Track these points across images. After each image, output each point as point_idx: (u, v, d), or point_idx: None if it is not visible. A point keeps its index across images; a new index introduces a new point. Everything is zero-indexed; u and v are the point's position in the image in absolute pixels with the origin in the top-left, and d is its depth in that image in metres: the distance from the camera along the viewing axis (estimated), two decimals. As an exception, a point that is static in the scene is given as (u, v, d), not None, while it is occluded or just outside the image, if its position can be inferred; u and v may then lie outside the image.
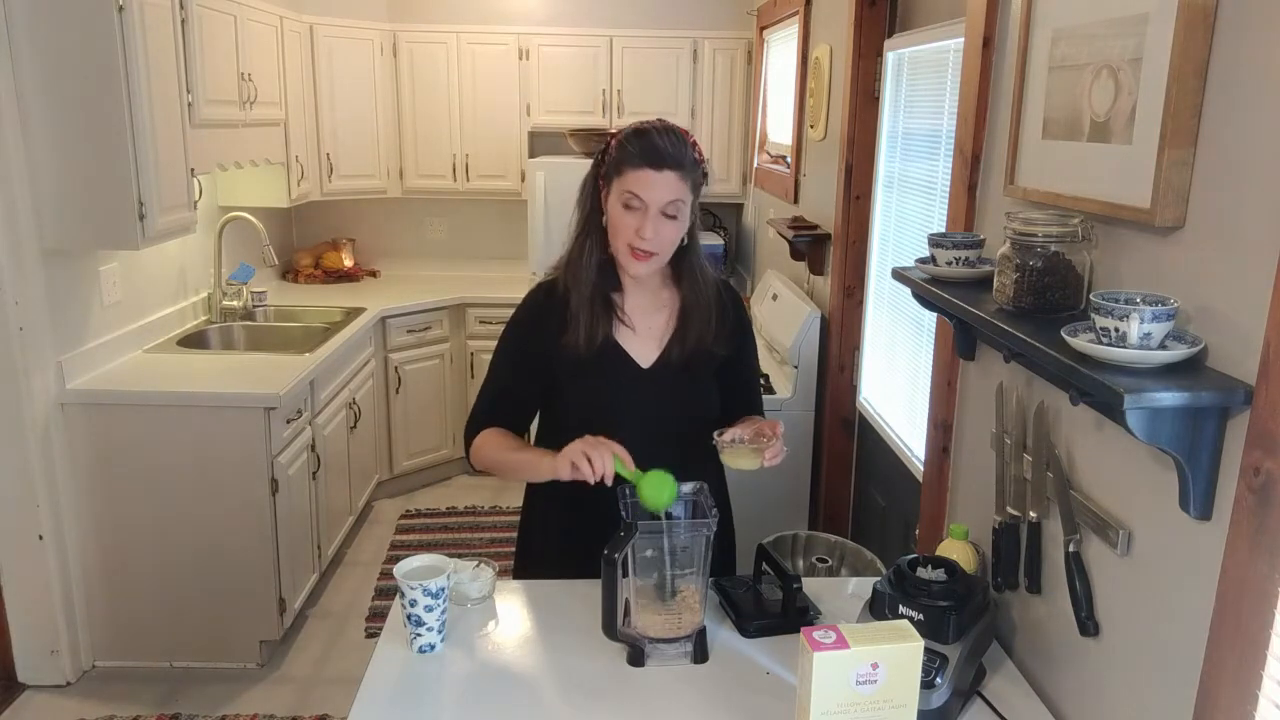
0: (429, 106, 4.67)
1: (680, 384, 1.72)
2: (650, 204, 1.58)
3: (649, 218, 1.59)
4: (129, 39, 2.63)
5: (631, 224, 1.60)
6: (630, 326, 1.72)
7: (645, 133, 1.61)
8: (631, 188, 1.59)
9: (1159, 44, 1.17)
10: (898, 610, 1.38)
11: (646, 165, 1.57)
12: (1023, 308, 1.35)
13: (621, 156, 1.61)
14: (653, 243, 1.60)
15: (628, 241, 1.61)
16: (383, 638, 1.56)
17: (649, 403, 1.71)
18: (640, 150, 1.59)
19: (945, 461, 1.94)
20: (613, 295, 1.73)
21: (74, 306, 2.90)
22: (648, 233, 1.59)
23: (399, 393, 4.34)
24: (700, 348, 1.72)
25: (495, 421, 1.76)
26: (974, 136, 1.78)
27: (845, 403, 3.19)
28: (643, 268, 1.64)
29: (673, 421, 1.72)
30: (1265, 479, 0.98)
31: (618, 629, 1.47)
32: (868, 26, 2.87)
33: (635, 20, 4.72)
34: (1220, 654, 1.06)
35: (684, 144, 1.62)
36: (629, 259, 1.63)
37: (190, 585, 2.97)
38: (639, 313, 1.74)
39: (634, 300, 1.74)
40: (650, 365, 1.72)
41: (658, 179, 1.58)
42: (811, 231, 3.30)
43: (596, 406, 1.70)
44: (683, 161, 1.60)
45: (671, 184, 1.59)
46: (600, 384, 1.71)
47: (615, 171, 1.61)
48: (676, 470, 1.52)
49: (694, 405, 1.74)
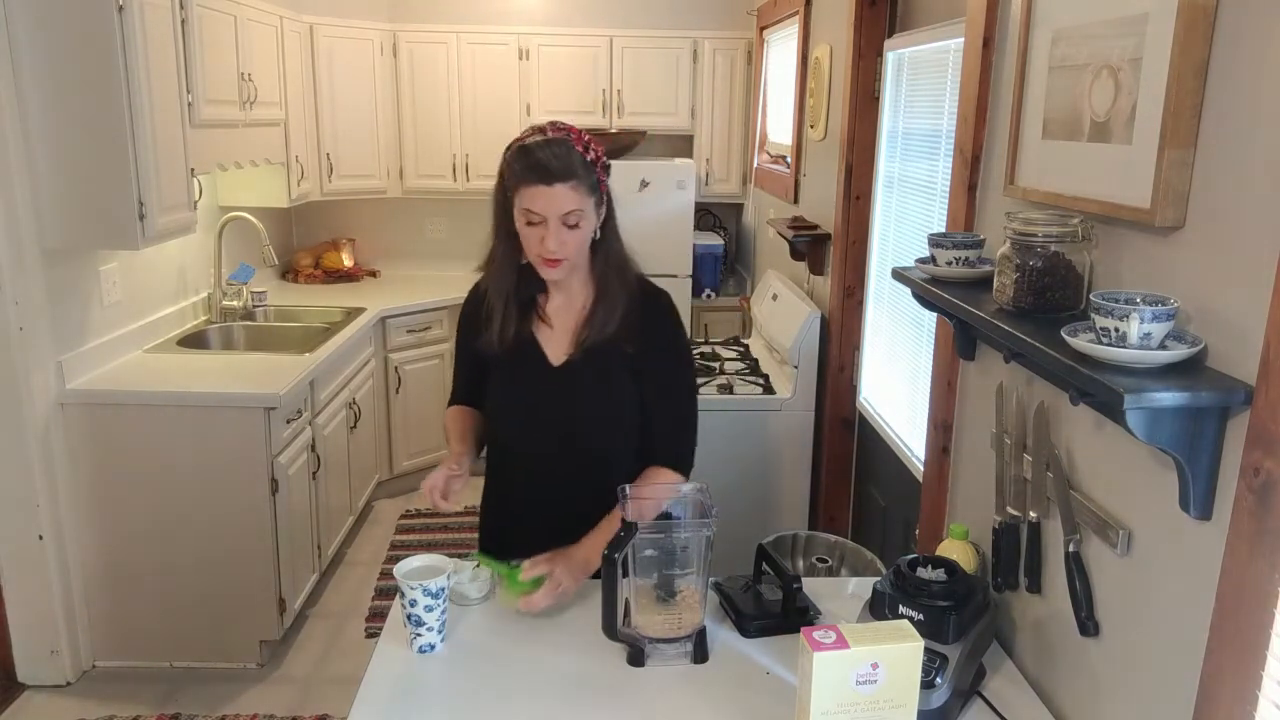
0: (429, 106, 4.67)
1: (587, 382, 1.72)
2: (549, 217, 1.59)
3: (550, 230, 1.60)
4: (129, 39, 2.63)
5: (535, 236, 1.61)
6: (550, 325, 1.75)
7: (529, 150, 1.59)
8: (528, 205, 1.59)
9: (1159, 44, 1.17)
10: (898, 610, 1.38)
11: (538, 182, 1.57)
12: (1023, 308, 1.35)
13: (511, 174, 1.61)
14: (558, 252, 1.62)
15: (536, 253, 1.64)
16: (383, 638, 1.56)
17: (555, 401, 1.73)
18: (527, 168, 1.58)
19: (945, 461, 1.94)
20: (538, 295, 1.76)
21: (74, 306, 2.90)
22: (551, 244, 1.60)
23: (399, 393, 4.34)
24: (604, 340, 1.70)
25: (461, 397, 1.90)
26: (974, 136, 1.78)
27: (845, 403, 3.19)
28: (557, 273, 1.67)
29: (581, 421, 1.73)
30: (1265, 479, 0.98)
31: (618, 629, 1.47)
32: (868, 26, 2.87)
33: (635, 20, 4.72)
34: (1220, 654, 1.06)
35: (570, 152, 1.59)
36: (542, 267, 1.66)
37: (190, 585, 2.96)
38: (559, 312, 1.76)
39: (556, 300, 1.76)
40: (560, 363, 1.74)
41: (550, 194, 1.57)
42: (811, 231, 3.30)
43: (504, 402, 1.78)
44: (573, 171, 1.58)
45: (565, 196, 1.57)
46: (509, 379, 1.76)
47: (512, 189, 1.62)
48: (589, 474, 1.66)
49: (601, 405, 1.73)
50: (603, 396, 1.73)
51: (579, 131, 1.64)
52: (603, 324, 1.70)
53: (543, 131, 1.62)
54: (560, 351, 1.74)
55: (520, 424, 1.76)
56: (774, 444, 3.25)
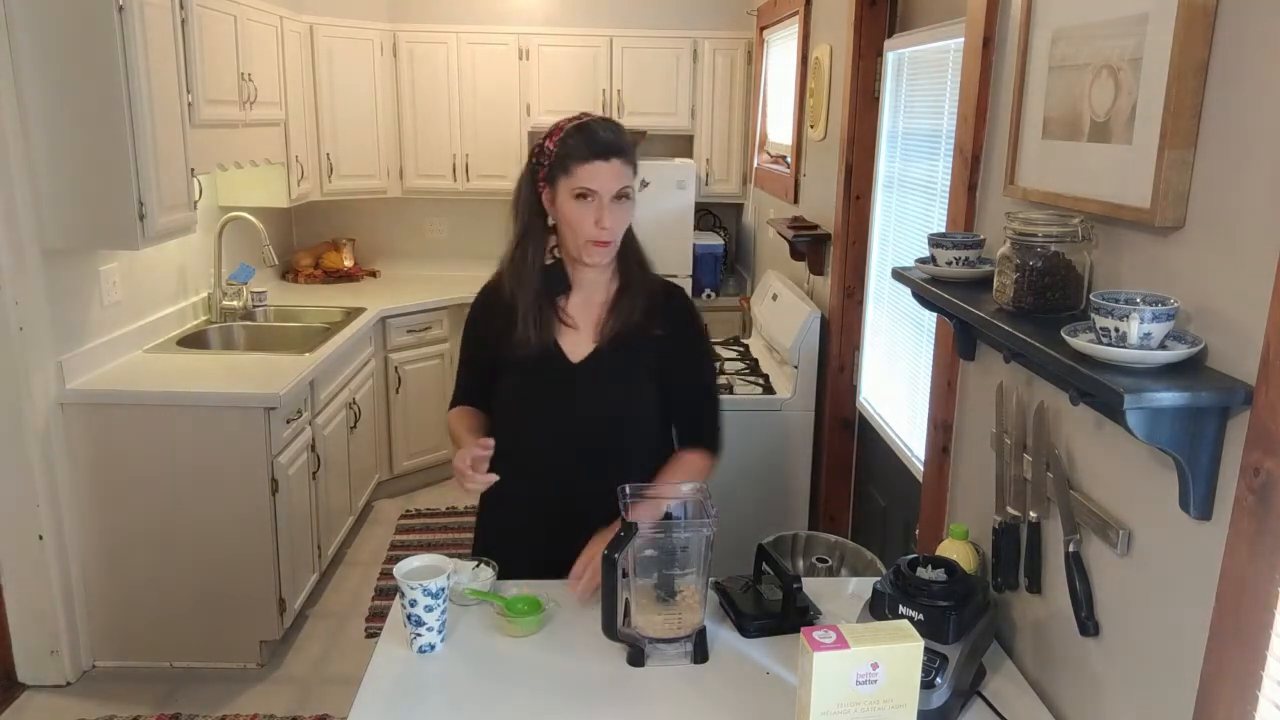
0: (429, 106, 4.67)
1: (607, 378, 1.72)
2: (604, 192, 1.62)
3: (605, 206, 1.62)
4: (129, 39, 2.63)
5: (588, 215, 1.63)
6: (572, 325, 1.74)
7: (586, 126, 1.64)
8: (584, 182, 1.61)
9: (1159, 44, 1.17)
10: (898, 610, 1.37)
11: (595, 158, 1.61)
12: (1023, 308, 1.35)
13: (566, 153, 1.63)
14: (610, 230, 1.64)
15: (586, 236, 1.64)
16: (383, 638, 1.56)
17: (574, 399, 1.73)
18: (587, 143, 1.62)
19: (945, 461, 1.94)
20: (557, 297, 1.75)
21: (74, 306, 2.90)
22: (607, 221, 1.63)
23: (399, 393, 4.34)
24: (631, 326, 1.71)
25: (466, 399, 1.87)
26: (974, 136, 1.78)
27: (845, 403, 3.19)
28: (602, 255, 1.68)
29: (600, 419, 1.73)
30: (1265, 479, 0.98)
31: (618, 629, 1.47)
32: (868, 26, 2.87)
33: (635, 20, 4.72)
34: (1220, 654, 1.06)
35: (623, 131, 1.67)
36: (590, 250, 1.66)
37: (190, 585, 2.96)
38: (581, 309, 1.76)
39: (579, 297, 1.76)
40: (581, 360, 1.73)
41: (607, 169, 1.61)
42: (811, 231, 3.30)
43: (521, 402, 1.76)
44: (625, 148, 1.64)
45: (620, 171, 1.63)
46: (526, 382, 1.75)
47: (561, 170, 1.63)
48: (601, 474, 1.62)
49: (620, 403, 1.74)
50: (622, 394, 1.74)
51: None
52: (629, 312, 1.72)
53: (585, 116, 1.67)
54: (581, 349, 1.74)
55: (537, 423, 1.74)
56: (774, 444, 3.25)
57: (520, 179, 1.72)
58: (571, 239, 1.67)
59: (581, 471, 1.71)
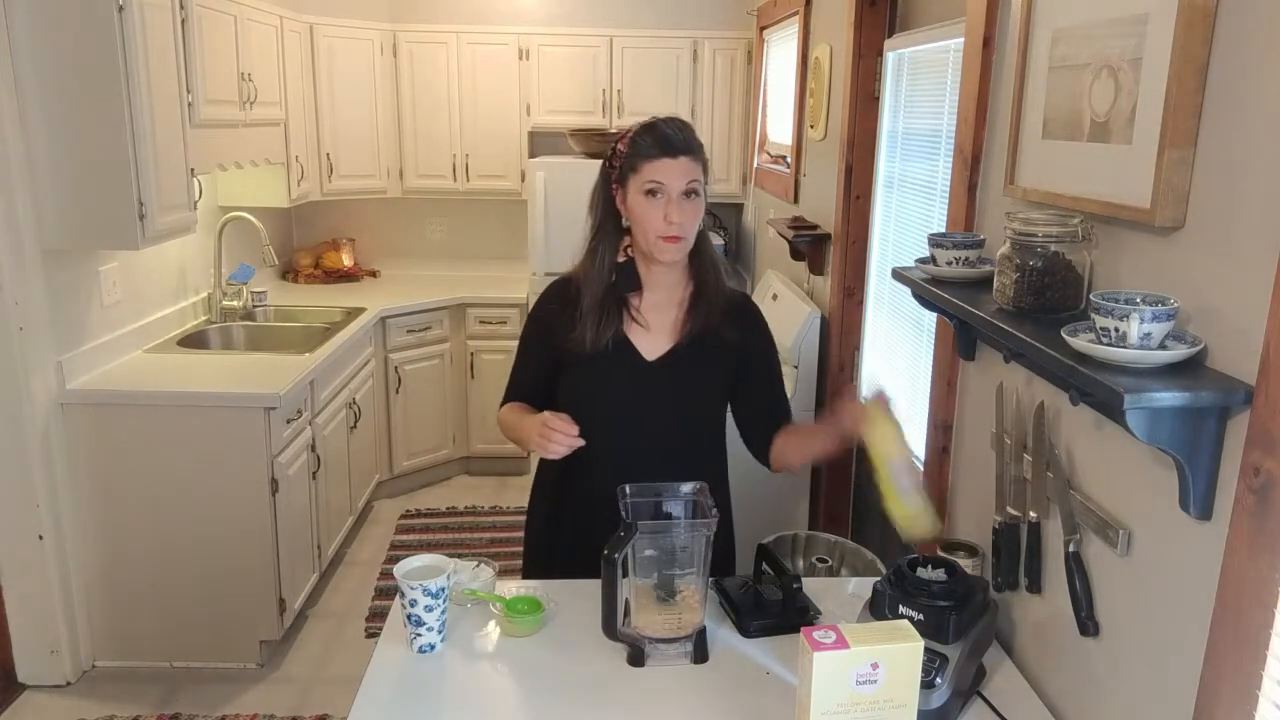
0: (429, 106, 4.67)
1: (684, 377, 1.74)
2: (672, 188, 1.65)
3: (673, 201, 1.65)
4: (129, 39, 2.63)
5: (657, 211, 1.65)
6: (644, 325, 1.76)
7: (654, 126, 1.68)
8: (652, 177, 1.65)
9: (1159, 44, 1.17)
10: (898, 610, 1.37)
11: (663, 155, 1.65)
12: (1023, 308, 1.35)
13: (635, 152, 1.67)
14: (679, 226, 1.65)
15: (656, 232, 1.66)
16: (383, 638, 1.56)
17: (646, 398, 1.74)
18: (654, 142, 1.66)
19: (945, 461, 1.94)
20: (630, 296, 1.76)
21: (74, 306, 2.90)
22: (674, 215, 1.64)
23: (399, 393, 4.34)
24: (709, 329, 1.74)
25: (520, 395, 1.86)
26: (974, 136, 1.78)
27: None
28: (673, 251, 1.69)
29: (672, 419, 1.74)
30: (1265, 479, 0.98)
31: (618, 629, 1.47)
32: (868, 26, 2.87)
33: (635, 20, 4.72)
34: (1220, 654, 1.06)
35: (688, 128, 1.70)
36: (660, 246, 1.67)
37: (190, 585, 2.96)
38: (655, 310, 1.77)
39: (652, 298, 1.77)
40: (656, 359, 1.75)
41: (674, 165, 1.65)
42: (811, 231, 3.30)
43: (591, 400, 1.74)
44: (693, 146, 1.68)
45: (687, 168, 1.66)
46: (599, 377, 1.74)
47: (631, 169, 1.67)
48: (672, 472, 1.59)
49: (695, 403, 1.76)
50: (700, 394, 1.76)
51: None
52: (706, 313, 1.75)
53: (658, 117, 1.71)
54: (657, 348, 1.75)
55: (609, 420, 1.72)
56: (774, 444, 3.24)
57: (596, 183, 1.76)
58: (642, 236, 1.69)
59: (650, 470, 1.63)
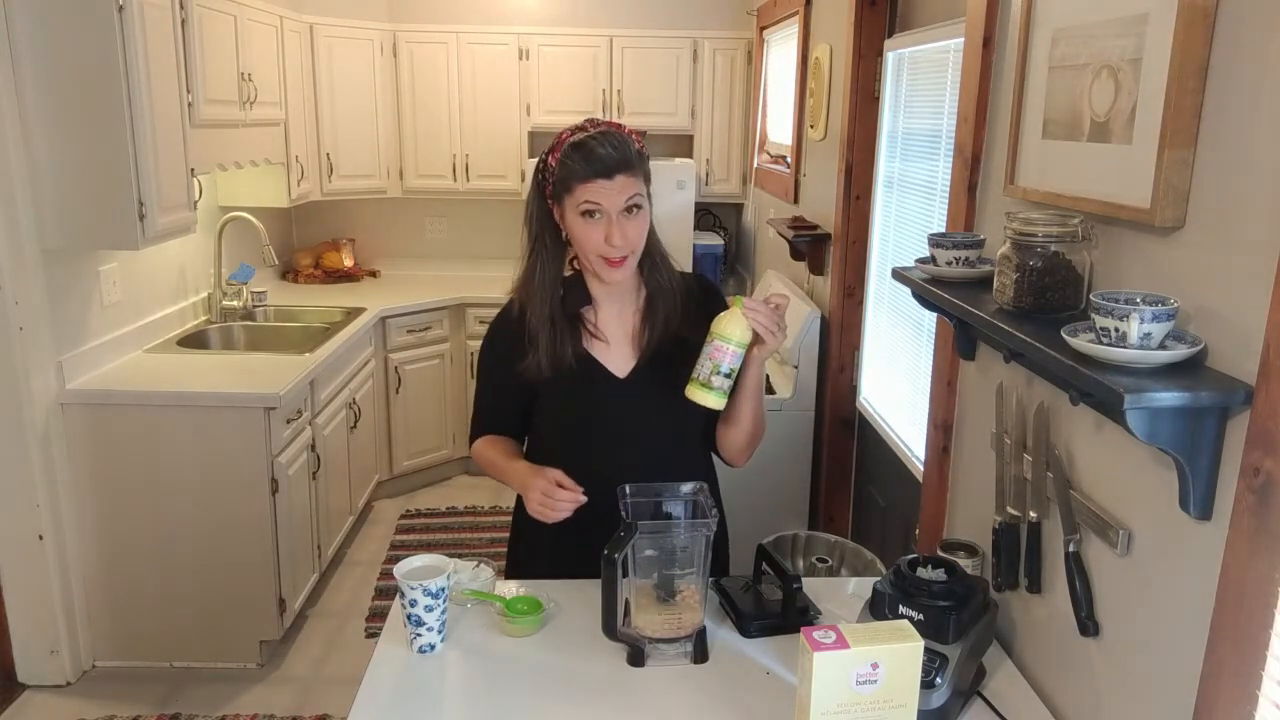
0: (429, 106, 4.67)
1: (660, 390, 1.63)
2: (610, 208, 1.53)
3: (614, 222, 1.53)
4: (129, 39, 2.63)
5: (597, 233, 1.54)
6: (604, 339, 1.68)
7: (583, 144, 1.54)
8: (586, 198, 1.53)
9: (1159, 44, 1.17)
10: (898, 610, 1.37)
11: (596, 176, 1.52)
12: (1023, 308, 1.35)
13: (567, 173, 1.54)
14: (623, 246, 1.55)
15: (597, 252, 1.56)
16: (383, 638, 1.56)
17: (626, 415, 1.68)
18: (584, 162, 1.52)
19: (945, 461, 1.94)
20: (583, 310, 1.68)
21: (74, 306, 2.90)
22: (616, 239, 1.54)
23: (399, 393, 4.34)
24: (669, 333, 1.65)
25: (492, 428, 1.79)
26: (974, 136, 1.78)
27: (845, 403, 3.19)
28: (620, 273, 1.59)
29: (655, 433, 1.69)
30: (1265, 479, 0.98)
31: (618, 629, 1.47)
32: (868, 26, 2.87)
33: (635, 20, 4.72)
34: (1220, 654, 1.06)
35: (625, 142, 1.56)
36: (604, 268, 1.58)
37: (190, 585, 2.96)
38: (611, 324, 1.69)
39: (606, 312, 1.69)
40: (627, 375, 1.67)
41: (610, 186, 1.52)
42: (811, 231, 3.30)
43: (570, 424, 1.69)
44: (630, 161, 1.54)
45: (624, 185, 1.53)
46: (573, 401, 1.67)
47: (564, 189, 1.55)
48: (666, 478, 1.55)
49: (676, 413, 1.64)
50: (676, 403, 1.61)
51: (618, 124, 1.60)
52: (665, 319, 1.65)
53: (584, 129, 1.57)
54: (623, 363, 1.68)
55: (588, 442, 1.66)
56: (774, 444, 3.24)
57: (529, 193, 1.65)
58: (584, 257, 1.61)
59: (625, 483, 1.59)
